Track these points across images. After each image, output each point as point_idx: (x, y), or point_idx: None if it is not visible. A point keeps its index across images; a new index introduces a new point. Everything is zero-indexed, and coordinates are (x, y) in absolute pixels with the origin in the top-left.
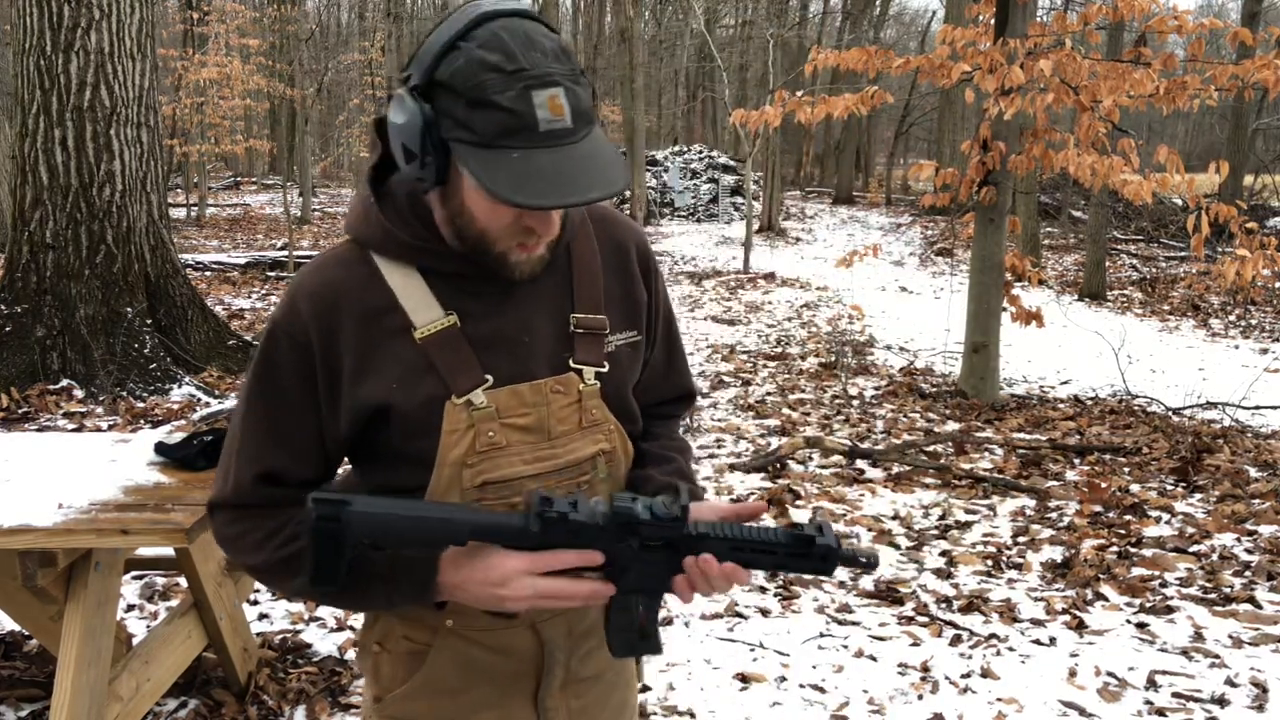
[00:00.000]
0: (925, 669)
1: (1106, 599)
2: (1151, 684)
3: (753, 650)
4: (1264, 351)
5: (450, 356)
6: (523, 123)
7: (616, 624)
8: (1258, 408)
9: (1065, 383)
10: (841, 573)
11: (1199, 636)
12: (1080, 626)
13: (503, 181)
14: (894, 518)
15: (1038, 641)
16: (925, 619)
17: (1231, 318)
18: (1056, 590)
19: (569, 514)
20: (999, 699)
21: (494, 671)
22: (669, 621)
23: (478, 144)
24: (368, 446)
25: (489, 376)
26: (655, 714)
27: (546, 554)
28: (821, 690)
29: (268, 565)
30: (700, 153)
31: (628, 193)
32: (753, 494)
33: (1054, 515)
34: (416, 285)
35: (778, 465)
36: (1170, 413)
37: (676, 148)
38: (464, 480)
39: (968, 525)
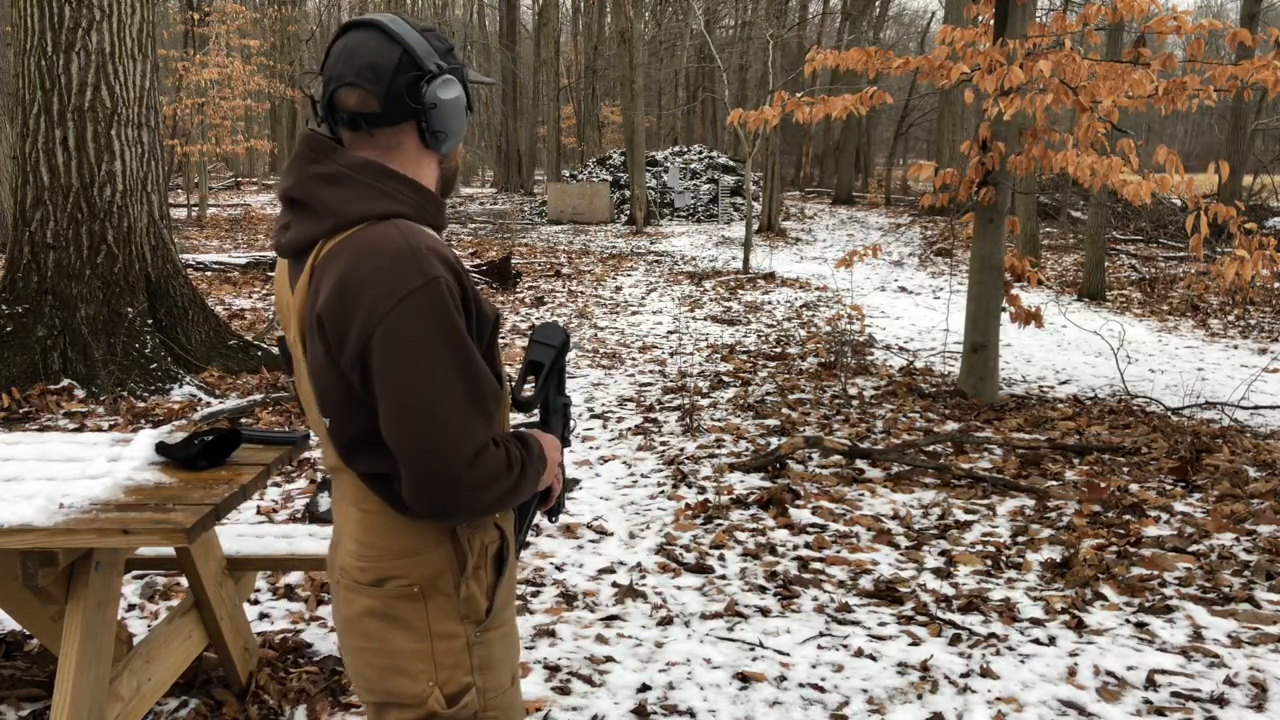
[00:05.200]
0: (925, 669)
1: (1106, 598)
2: (1151, 683)
3: (753, 650)
4: (1263, 351)
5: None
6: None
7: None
8: (1256, 408)
9: (1064, 383)
10: (841, 573)
11: (1198, 636)
12: (1079, 626)
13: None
14: (893, 517)
15: (1037, 641)
16: (925, 618)
17: (1230, 318)
18: (1056, 590)
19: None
20: (998, 698)
21: None
22: (669, 621)
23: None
24: None
25: None
26: (655, 714)
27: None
28: (821, 690)
29: (513, 483)
30: (700, 153)
31: (628, 193)
32: (752, 493)
33: (1053, 515)
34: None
35: (777, 465)
36: (1169, 413)
37: (676, 148)
38: None
39: (967, 525)
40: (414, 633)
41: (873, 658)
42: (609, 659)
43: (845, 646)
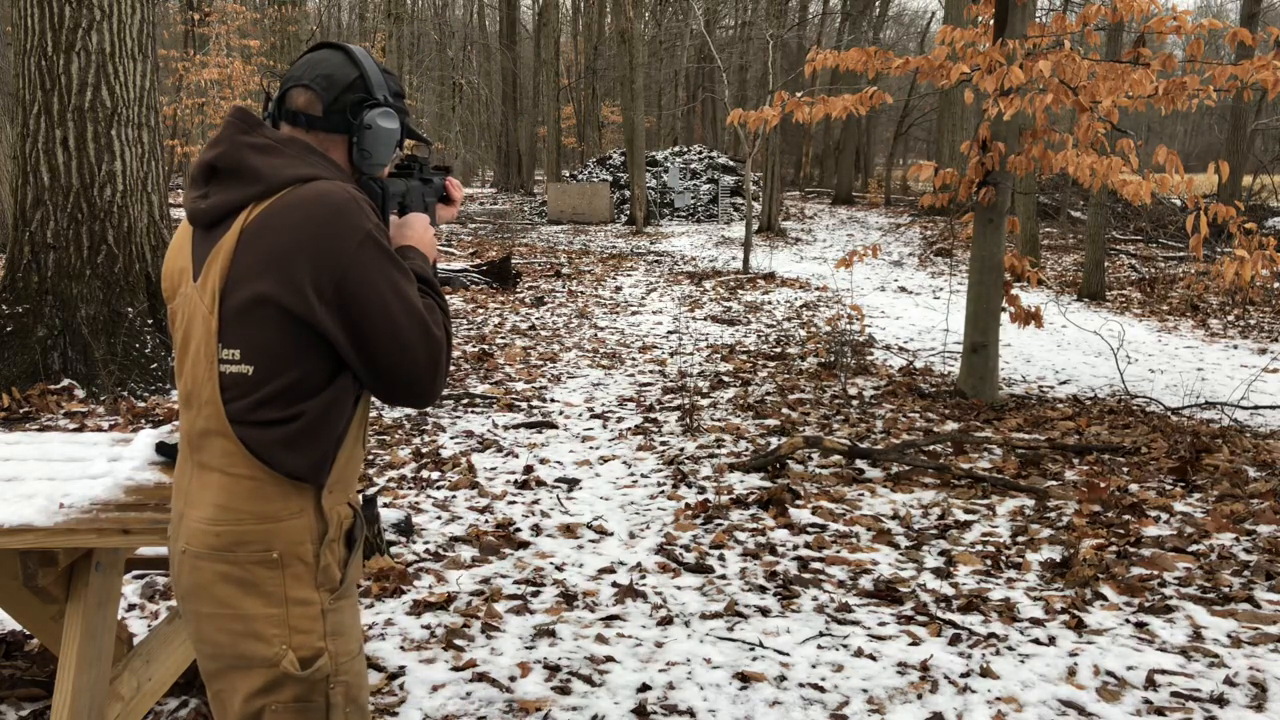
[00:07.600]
0: (925, 668)
1: (1105, 598)
2: (1150, 683)
3: (753, 650)
4: (1262, 351)
5: None
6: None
7: None
8: (1256, 408)
9: (1064, 383)
10: (841, 573)
11: (1198, 636)
12: (1079, 626)
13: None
14: (893, 517)
15: (1037, 641)
16: (925, 618)
17: (1230, 318)
18: (1055, 590)
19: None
20: (998, 698)
21: None
22: (669, 621)
23: (406, 126)
24: None
25: None
26: (655, 714)
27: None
28: (821, 690)
29: (447, 330)
30: (700, 153)
31: (628, 193)
32: (752, 493)
33: (1053, 515)
34: None
35: (777, 465)
36: (1169, 413)
37: (676, 148)
38: None
39: (967, 525)
40: (269, 598)
41: (873, 658)
42: (609, 659)
43: (845, 646)
